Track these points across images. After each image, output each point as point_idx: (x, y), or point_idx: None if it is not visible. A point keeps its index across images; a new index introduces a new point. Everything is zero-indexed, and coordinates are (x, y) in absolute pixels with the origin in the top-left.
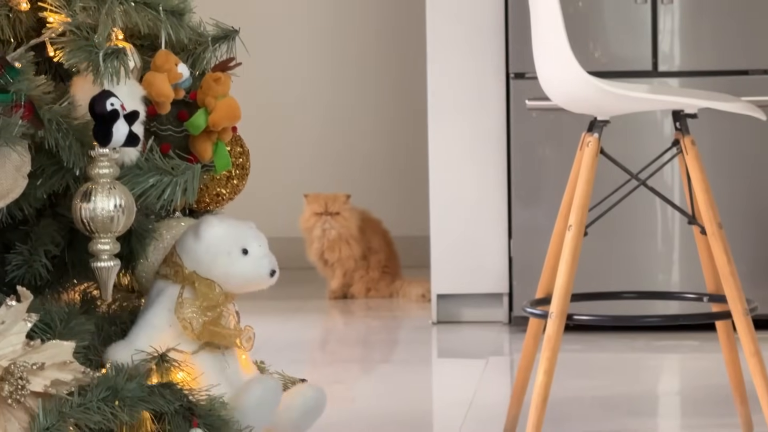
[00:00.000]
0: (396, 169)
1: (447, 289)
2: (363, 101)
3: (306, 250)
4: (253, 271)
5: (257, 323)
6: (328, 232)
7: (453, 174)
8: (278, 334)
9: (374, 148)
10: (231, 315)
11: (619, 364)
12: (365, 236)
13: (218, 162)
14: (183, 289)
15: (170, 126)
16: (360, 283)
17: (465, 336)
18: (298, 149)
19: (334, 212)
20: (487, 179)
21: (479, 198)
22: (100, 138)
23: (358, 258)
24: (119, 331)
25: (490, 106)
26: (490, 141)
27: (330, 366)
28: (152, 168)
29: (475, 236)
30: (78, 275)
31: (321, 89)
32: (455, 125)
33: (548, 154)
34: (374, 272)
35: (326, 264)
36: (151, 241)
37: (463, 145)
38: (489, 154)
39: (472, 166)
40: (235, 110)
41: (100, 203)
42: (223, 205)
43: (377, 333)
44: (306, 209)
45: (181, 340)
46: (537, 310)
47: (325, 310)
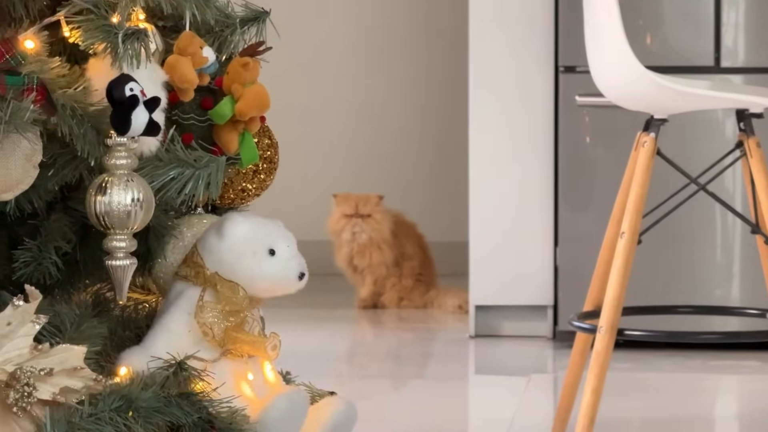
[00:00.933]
0: (433, 169)
1: (486, 300)
2: (399, 95)
3: (334, 254)
4: (280, 273)
5: (280, 332)
6: (359, 235)
7: (495, 175)
8: (303, 345)
9: (410, 147)
10: (255, 321)
11: (673, 384)
12: (398, 241)
13: (244, 154)
14: (204, 292)
15: (193, 114)
16: (392, 291)
17: (505, 351)
18: (329, 145)
19: (365, 214)
20: (532, 181)
21: (523, 201)
22: (118, 126)
23: (390, 264)
24: (134, 336)
25: (537, 102)
26: (536, 140)
27: (358, 380)
28: (173, 160)
29: (518, 243)
30: (90, 275)
31: (355, 81)
32: (498, 122)
33: (600, 154)
34: (407, 280)
35: (356, 270)
36: (170, 239)
37: (507, 144)
38: (535, 154)
39: (516, 167)
40: (264, 99)
41: (116, 197)
42: (249, 201)
43: (410, 346)
44: (335, 210)
45: (201, 347)
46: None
47: (353, 320)
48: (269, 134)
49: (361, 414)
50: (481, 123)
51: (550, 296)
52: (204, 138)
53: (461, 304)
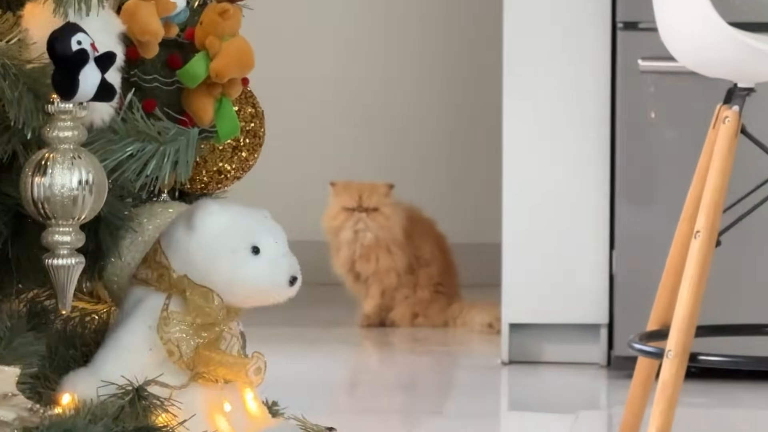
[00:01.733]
0: (457, 153)
1: (523, 318)
2: (414, 61)
3: (331, 258)
4: (266, 276)
5: (264, 355)
6: (362, 234)
7: (535, 162)
8: (292, 372)
9: (428, 125)
10: (234, 337)
11: (760, 424)
12: (412, 242)
13: (222, 126)
14: (169, 300)
15: (157, 75)
16: (404, 305)
17: (547, 381)
18: (327, 121)
19: (371, 208)
20: (582, 168)
21: (570, 194)
22: (62, 88)
23: (401, 272)
24: (80, 356)
25: (589, 67)
26: (587, 116)
27: (360, 417)
28: (131, 132)
29: (563, 246)
30: (25, 277)
31: (363, 43)
32: (539, 94)
33: (668, 134)
34: (424, 292)
35: (358, 279)
36: (127, 233)
37: (550, 122)
38: (585, 134)
39: (562, 151)
40: (247, 56)
41: (59, 178)
42: (227, 186)
43: (426, 374)
44: (332, 203)
45: (164, 369)
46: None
47: (355, 341)
48: (253, 101)
49: None
50: (518, 96)
51: (604, 313)
52: (171, 105)
53: (491, 322)
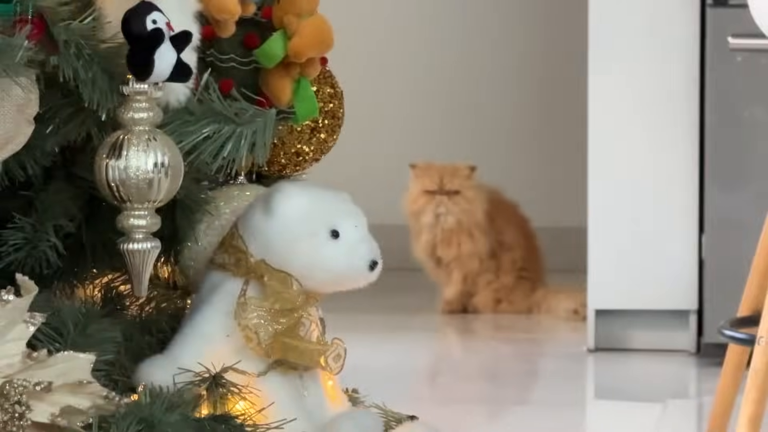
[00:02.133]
0: (540, 134)
1: (610, 304)
2: (496, 39)
3: (412, 243)
4: (345, 261)
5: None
6: (444, 218)
7: (621, 143)
8: (371, 360)
9: (510, 106)
10: (313, 323)
11: None
12: (495, 226)
13: (300, 107)
14: (247, 285)
15: (234, 55)
16: (486, 291)
17: (634, 369)
18: (408, 102)
19: (453, 191)
20: (670, 150)
21: (658, 177)
22: (138, 68)
23: (484, 257)
24: (156, 342)
25: (677, 46)
26: (675, 97)
27: (443, 406)
28: (207, 113)
29: (651, 230)
30: (100, 262)
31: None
32: (625, 75)
33: (758, 114)
34: (507, 277)
35: (440, 264)
36: (203, 217)
37: (637, 103)
38: (673, 116)
39: (649, 133)
40: (326, 34)
41: (134, 160)
42: (306, 168)
43: (510, 362)
44: (413, 186)
45: (242, 356)
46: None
47: (436, 328)
48: (332, 82)
49: None
50: (604, 75)
51: (693, 298)
52: (248, 85)
53: (577, 309)
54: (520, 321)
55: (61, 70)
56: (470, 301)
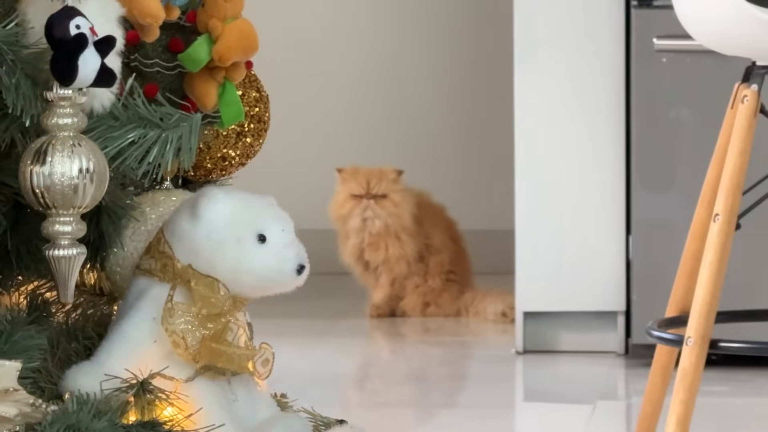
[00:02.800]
0: (467, 137)
1: (538, 306)
2: (423, 43)
3: (339, 247)
4: (273, 265)
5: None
6: (371, 222)
7: (547, 144)
8: (299, 365)
9: (437, 108)
10: (241, 328)
11: None
12: (423, 229)
13: (226, 111)
14: (173, 290)
15: (158, 59)
16: (414, 294)
17: (563, 371)
18: (333, 106)
19: (380, 194)
20: (596, 150)
21: (585, 177)
22: (61, 74)
23: (412, 260)
24: (83, 349)
25: (602, 46)
26: (600, 97)
27: (372, 410)
28: (133, 118)
29: (578, 231)
30: (25, 269)
31: (372, 24)
32: (551, 75)
33: (684, 114)
34: (435, 280)
35: (367, 267)
36: (129, 222)
37: (563, 103)
38: (599, 116)
39: (575, 133)
40: (251, 38)
41: (59, 166)
42: (232, 172)
43: (438, 366)
44: (340, 190)
45: (170, 362)
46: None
47: (364, 332)
48: (257, 85)
49: None
50: (530, 76)
51: (621, 299)
52: (173, 90)
53: (505, 311)
54: (449, 324)
55: None
56: (398, 304)
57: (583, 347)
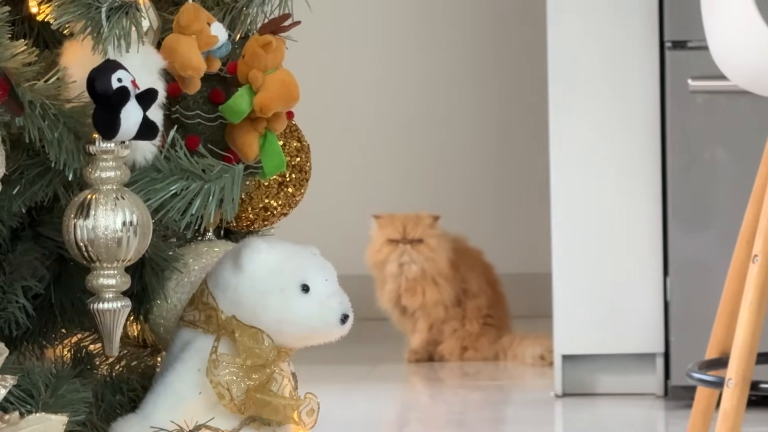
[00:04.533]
0: (503, 182)
1: (576, 349)
2: (460, 89)
3: (377, 293)
4: (317, 315)
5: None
6: (408, 267)
7: (584, 186)
8: (338, 411)
9: (473, 154)
10: (286, 378)
11: None
12: (459, 274)
13: (267, 162)
14: (218, 342)
15: (200, 111)
16: (452, 339)
17: (602, 414)
18: (370, 153)
19: (416, 239)
20: (632, 192)
21: (622, 219)
22: (104, 127)
23: (449, 304)
24: (128, 401)
25: (637, 88)
26: (636, 140)
27: None
28: (175, 170)
29: (615, 274)
30: (69, 322)
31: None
32: (587, 118)
33: (720, 155)
34: (472, 324)
35: (405, 313)
36: (172, 274)
37: (599, 146)
38: (635, 158)
39: (612, 175)
40: (292, 88)
41: (102, 220)
42: (274, 223)
43: (477, 410)
44: (376, 236)
45: (215, 413)
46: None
47: (403, 377)
48: (298, 135)
49: None
50: (565, 119)
51: (659, 341)
52: (214, 141)
53: (543, 354)
54: (487, 368)
55: (27, 130)
56: (436, 349)
57: (622, 390)
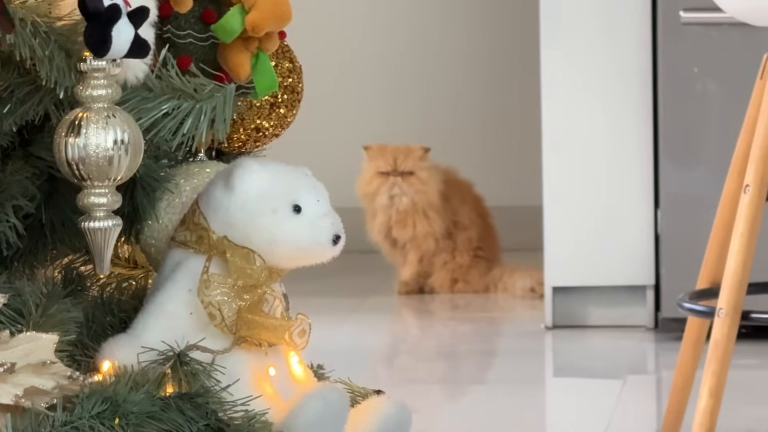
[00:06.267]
0: (494, 115)
1: (567, 281)
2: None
3: (367, 225)
4: (308, 235)
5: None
6: (398, 199)
7: (574, 120)
8: (328, 342)
9: (464, 85)
10: (277, 299)
11: None
12: (450, 206)
13: (259, 82)
14: (209, 262)
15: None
16: (443, 271)
17: (592, 346)
18: (361, 82)
19: (407, 171)
20: (623, 125)
21: (613, 153)
22: (95, 45)
23: (440, 236)
24: (118, 322)
25: (629, 20)
26: (627, 73)
27: (401, 387)
28: (166, 89)
29: (606, 206)
30: (60, 242)
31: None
32: (578, 52)
33: (711, 88)
34: (463, 257)
35: (395, 245)
36: (163, 194)
37: (590, 80)
38: (627, 91)
39: (602, 109)
40: (284, 7)
41: (93, 138)
42: (265, 144)
43: (467, 342)
44: (367, 167)
45: (206, 334)
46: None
47: (393, 309)
48: (290, 56)
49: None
50: (555, 53)
51: (650, 273)
52: (206, 61)
53: (534, 287)
54: (477, 300)
55: (18, 48)
56: (427, 281)
57: (612, 322)
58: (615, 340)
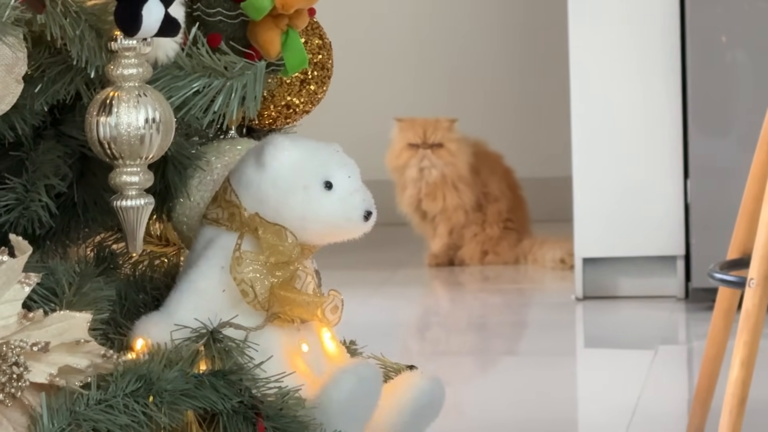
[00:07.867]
0: (522, 85)
1: (597, 252)
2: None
3: (397, 197)
4: (340, 212)
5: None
6: (428, 172)
7: (603, 90)
8: (359, 316)
9: (494, 58)
10: (309, 276)
11: None
12: (480, 178)
13: (289, 59)
14: (241, 239)
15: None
16: (473, 243)
17: (623, 317)
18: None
19: (436, 143)
20: (653, 96)
21: (642, 122)
22: (126, 24)
23: (469, 209)
24: (151, 300)
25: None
26: (656, 43)
27: (432, 359)
28: (197, 68)
29: (636, 177)
30: (93, 220)
31: None
32: (606, 20)
33: (741, 58)
34: (493, 229)
35: (425, 217)
36: (195, 172)
37: (618, 49)
38: (655, 62)
39: (631, 78)
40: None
41: (125, 117)
42: (296, 120)
43: (498, 314)
44: (396, 140)
45: (239, 311)
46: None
47: (423, 281)
48: (320, 32)
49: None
50: (584, 21)
51: (680, 244)
52: (236, 39)
53: (564, 258)
54: (507, 272)
55: (49, 28)
56: (457, 253)
57: (642, 292)
58: (646, 311)
